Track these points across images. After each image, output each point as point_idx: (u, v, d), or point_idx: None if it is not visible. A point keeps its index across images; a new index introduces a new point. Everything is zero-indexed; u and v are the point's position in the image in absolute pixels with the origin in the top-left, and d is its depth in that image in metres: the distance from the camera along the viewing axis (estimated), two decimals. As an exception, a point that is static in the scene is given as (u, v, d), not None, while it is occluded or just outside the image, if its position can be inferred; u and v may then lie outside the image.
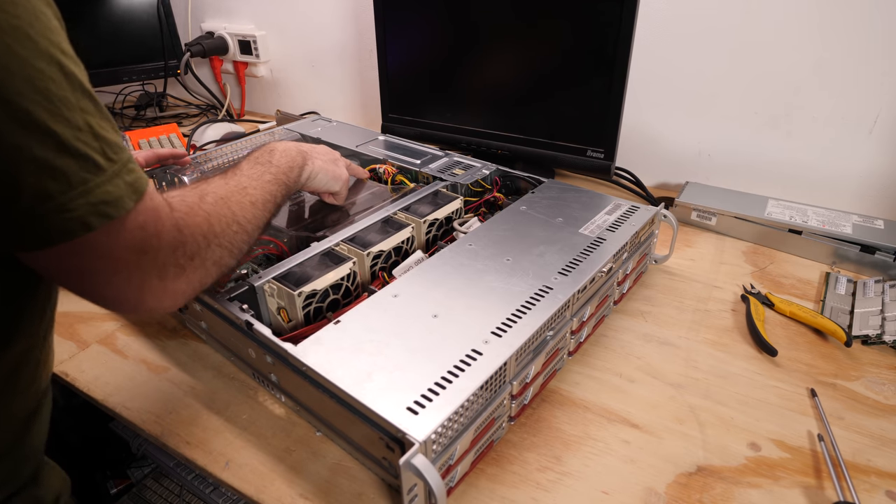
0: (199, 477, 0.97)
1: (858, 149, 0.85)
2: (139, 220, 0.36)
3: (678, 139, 0.99)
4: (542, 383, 0.55)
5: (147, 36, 1.29)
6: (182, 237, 0.39)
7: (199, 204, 0.43)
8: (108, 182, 0.33)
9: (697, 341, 0.64)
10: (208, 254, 0.42)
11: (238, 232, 0.46)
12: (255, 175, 0.53)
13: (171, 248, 0.39)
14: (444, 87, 1.01)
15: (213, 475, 0.49)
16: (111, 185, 0.34)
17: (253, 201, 0.50)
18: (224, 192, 0.47)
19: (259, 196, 0.51)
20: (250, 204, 0.49)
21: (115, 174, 0.34)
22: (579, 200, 0.73)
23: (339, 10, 1.25)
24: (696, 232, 0.87)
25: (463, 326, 0.50)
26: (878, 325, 0.63)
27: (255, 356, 0.54)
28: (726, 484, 0.47)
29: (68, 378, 0.60)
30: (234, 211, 0.46)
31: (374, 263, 0.63)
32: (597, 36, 0.81)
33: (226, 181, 0.50)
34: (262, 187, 0.52)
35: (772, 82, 0.88)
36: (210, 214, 0.43)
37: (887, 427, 0.53)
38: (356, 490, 0.47)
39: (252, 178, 0.52)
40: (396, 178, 0.84)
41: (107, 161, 0.33)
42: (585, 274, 0.57)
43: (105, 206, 0.33)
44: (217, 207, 0.45)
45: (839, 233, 0.77)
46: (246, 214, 0.48)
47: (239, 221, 0.46)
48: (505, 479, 0.48)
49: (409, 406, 0.42)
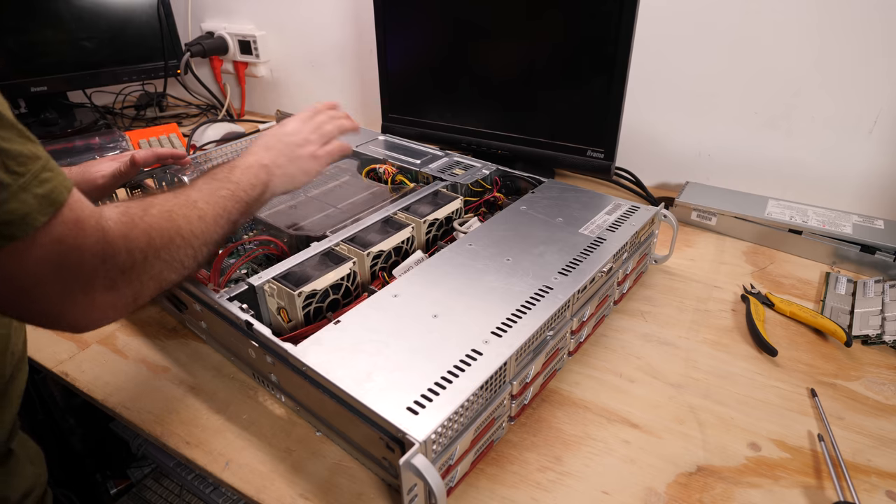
0: (199, 477, 0.97)
1: (858, 149, 0.85)
2: (55, 233, 0.33)
3: (678, 139, 0.99)
4: (542, 383, 0.55)
5: (147, 36, 1.29)
6: (111, 249, 0.37)
7: (142, 216, 0.41)
8: (13, 198, 0.31)
9: (697, 341, 0.64)
10: (145, 267, 0.40)
11: (182, 246, 0.44)
12: (210, 190, 0.51)
13: (98, 260, 0.36)
14: (443, 87, 1.01)
15: (213, 475, 0.49)
16: (16, 201, 0.31)
17: (202, 216, 0.47)
18: (171, 205, 0.45)
19: (210, 211, 0.48)
20: (198, 218, 0.47)
21: (21, 188, 0.31)
22: (579, 200, 0.73)
23: (339, 10, 1.25)
24: (696, 232, 0.87)
25: (463, 326, 0.50)
26: (878, 325, 0.63)
27: (255, 356, 0.54)
28: (726, 484, 0.47)
29: (68, 378, 0.60)
30: (178, 225, 0.44)
31: (374, 263, 0.63)
32: (597, 36, 0.81)
33: (176, 195, 0.47)
34: (214, 202, 0.50)
35: (772, 82, 0.88)
36: (151, 227, 0.41)
37: (887, 427, 0.53)
38: (356, 490, 0.47)
39: (205, 192, 0.50)
40: (396, 178, 0.84)
41: (9, 175, 0.31)
42: (585, 274, 0.57)
43: (7, 227, 0.31)
44: (160, 220, 0.42)
45: (839, 233, 0.77)
46: (193, 229, 0.45)
47: (183, 235, 0.44)
48: (505, 479, 0.48)
49: (409, 406, 0.42)
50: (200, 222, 0.47)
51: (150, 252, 0.41)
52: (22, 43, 1.13)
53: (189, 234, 0.45)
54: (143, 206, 0.43)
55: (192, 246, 0.45)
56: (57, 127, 1.25)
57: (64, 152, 1.07)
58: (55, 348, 0.63)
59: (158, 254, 0.42)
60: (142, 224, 0.41)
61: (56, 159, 0.35)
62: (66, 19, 1.15)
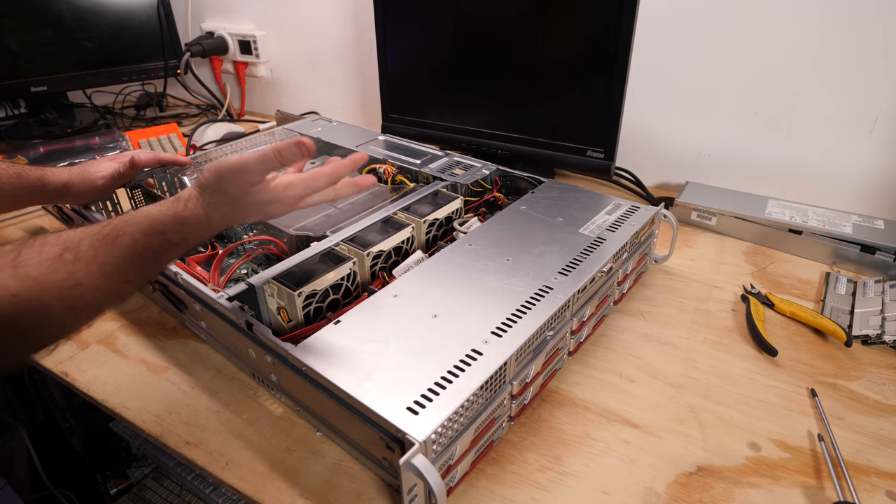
0: (199, 477, 0.97)
1: (858, 149, 0.85)
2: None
3: (678, 139, 0.99)
4: (542, 383, 0.55)
5: (147, 36, 1.29)
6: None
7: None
8: None
9: (697, 341, 0.64)
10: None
11: (30, 331, 0.36)
12: (113, 269, 0.40)
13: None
14: (444, 87, 1.01)
15: (213, 475, 0.49)
16: None
17: (73, 306, 0.38)
18: (27, 285, 0.36)
19: (92, 296, 0.39)
20: (66, 308, 0.37)
21: None
22: (579, 200, 0.73)
23: (339, 10, 1.25)
24: (696, 232, 0.87)
25: (463, 326, 0.50)
26: (878, 325, 0.63)
27: (255, 356, 0.54)
28: (726, 484, 0.47)
29: (68, 378, 0.60)
30: (29, 310, 0.36)
31: (374, 263, 0.63)
32: (597, 36, 0.81)
33: (54, 266, 0.37)
34: (108, 287, 0.40)
35: (772, 82, 0.88)
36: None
37: (887, 427, 0.53)
38: (356, 490, 0.47)
39: (105, 272, 0.40)
40: (396, 178, 0.83)
41: None
42: (585, 274, 0.57)
43: None
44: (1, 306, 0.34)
45: (839, 233, 0.77)
46: (50, 316, 0.37)
47: (33, 322, 0.36)
48: (505, 479, 0.48)
49: (409, 406, 0.42)
50: (69, 312, 0.38)
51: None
52: (22, 43, 1.13)
53: (42, 320, 0.37)
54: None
55: (52, 328, 0.38)
56: (57, 127, 1.25)
57: (64, 152, 1.07)
58: (55, 348, 0.63)
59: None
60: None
61: (56, 159, 0.34)
62: (66, 19, 1.16)
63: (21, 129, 1.23)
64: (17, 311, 0.35)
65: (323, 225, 0.70)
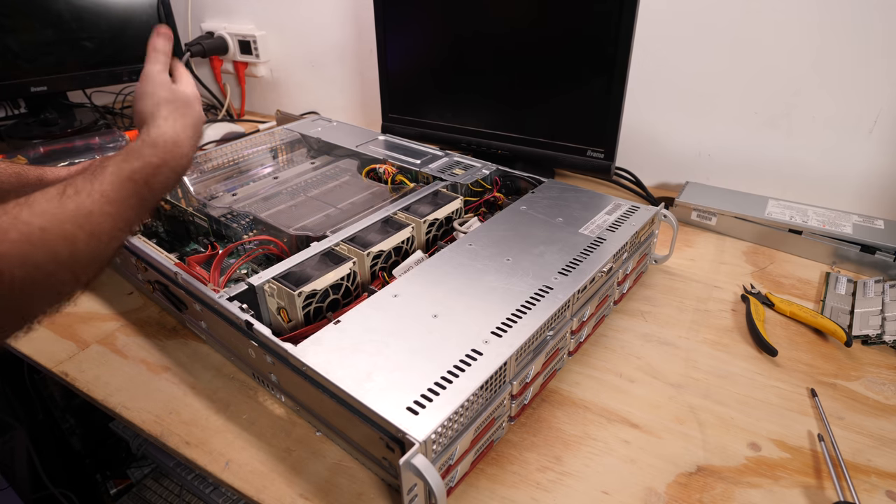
0: (199, 477, 0.97)
1: (858, 149, 0.85)
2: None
3: (678, 139, 0.99)
4: (542, 383, 0.55)
5: (147, 36, 1.27)
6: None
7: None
8: None
9: (697, 341, 0.64)
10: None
11: (54, 274, 0.36)
12: (114, 196, 0.41)
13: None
14: (444, 87, 1.01)
15: (213, 475, 0.49)
16: None
17: (93, 232, 0.38)
18: (48, 220, 0.36)
19: (106, 226, 0.39)
20: (87, 236, 0.38)
21: None
22: (579, 200, 0.73)
23: (339, 10, 1.25)
24: (696, 232, 0.87)
25: (463, 326, 0.50)
26: (879, 325, 0.63)
27: (255, 356, 0.54)
28: (726, 484, 0.47)
29: (68, 378, 0.60)
30: (54, 250, 0.36)
31: (374, 263, 0.63)
32: (597, 36, 0.81)
33: (62, 202, 0.38)
34: (117, 213, 0.41)
35: (772, 82, 0.88)
36: (6, 257, 0.33)
37: (887, 427, 0.53)
38: (356, 490, 0.47)
39: (107, 199, 0.40)
40: (396, 178, 0.84)
41: None
42: (585, 274, 0.57)
43: None
44: (24, 246, 0.34)
45: (839, 233, 0.77)
46: (74, 251, 0.37)
47: (60, 262, 0.36)
48: (505, 479, 0.48)
49: (409, 406, 0.42)
50: (91, 240, 0.38)
51: (4, 288, 0.33)
52: (22, 43, 1.13)
53: (69, 257, 0.37)
54: (5, 221, 0.35)
55: (72, 271, 0.38)
56: (57, 127, 1.25)
57: (64, 152, 1.07)
58: (55, 348, 0.63)
59: (16, 290, 0.34)
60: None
61: (56, 159, 0.34)
62: (66, 19, 1.15)
63: (21, 129, 1.23)
64: (48, 245, 0.36)
65: (323, 225, 0.70)
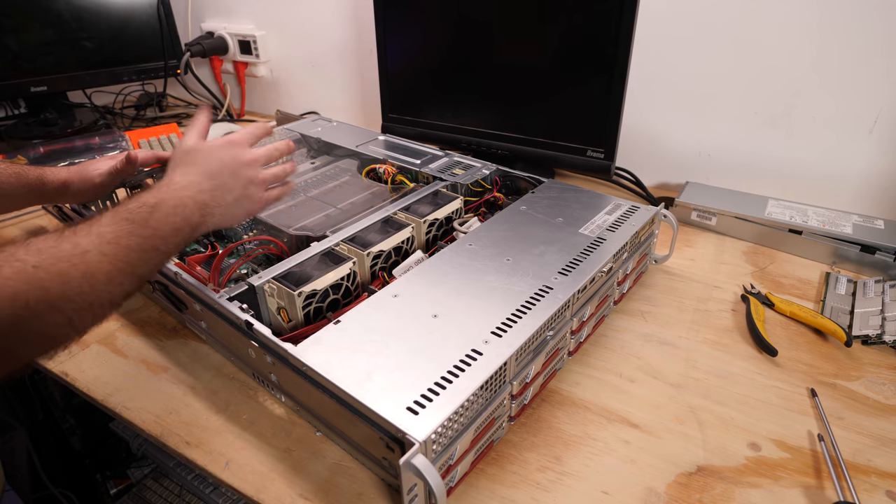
0: (199, 477, 0.97)
1: (858, 149, 0.85)
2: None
3: (678, 139, 0.99)
4: (542, 383, 0.55)
5: (147, 36, 1.29)
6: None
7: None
8: None
9: (697, 341, 0.64)
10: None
11: (45, 314, 0.35)
12: (112, 236, 0.41)
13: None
14: (443, 87, 1.01)
15: (213, 475, 0.49)
16: None
17: (88, 272, 0.38)
18: (42, 258, 0.36)
19: (103, 266, 0.39)
20: (81, 276, 0.38)
21: None
22: (579, 200, 0.73)
23: (339, 10, 1.25)
24: (696, 232, 0.87)
25: (463, 326, 0.50)
26: (879, 325, 0.63)
27: (255, 356, 0.54)
28: (726, 484, 0.47)
29: (68, 378, 0.60)
30: (45, 288, 0.36)
31: (374, 263, 0.63)
32: (597, 36, 0.81)
33: (59, 239, 0.38)
34: (114, 254, 0.40)
35: (772, 82, 0.88)
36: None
37: (887, 427, 0.53)
38: (356, 490, 0.47)
39: (105, 239, 0.41)
40: (396, 178, 0.84)
41: None
42: (585, 274, 0.57)
43: None
44: (16, 283, 0.34)
45: (839, 233, 0.77)
46: (68, 291, 0.37)
47: (52, 302, 0.36)
48: (505, 479, 0.48)
49: (409, 406, 0.42)
50: (85, 281, 0.38)
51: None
52: (22, 43, 1.13)
53: (61, 299, 0.37)
54: (0, 258, 0.35)
55: (65, 314, 0.37)
56: (57, 127, 1.25)
57: (64, 152, 1.07)
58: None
59: (6, 328, 0.34)
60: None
61: (56, 159, 0.34)
62: (66, 19, 1.16)
63: (21, 129, 1.23)
64: (41, 281, 0.36)
65: (323, 225, 0.70)
